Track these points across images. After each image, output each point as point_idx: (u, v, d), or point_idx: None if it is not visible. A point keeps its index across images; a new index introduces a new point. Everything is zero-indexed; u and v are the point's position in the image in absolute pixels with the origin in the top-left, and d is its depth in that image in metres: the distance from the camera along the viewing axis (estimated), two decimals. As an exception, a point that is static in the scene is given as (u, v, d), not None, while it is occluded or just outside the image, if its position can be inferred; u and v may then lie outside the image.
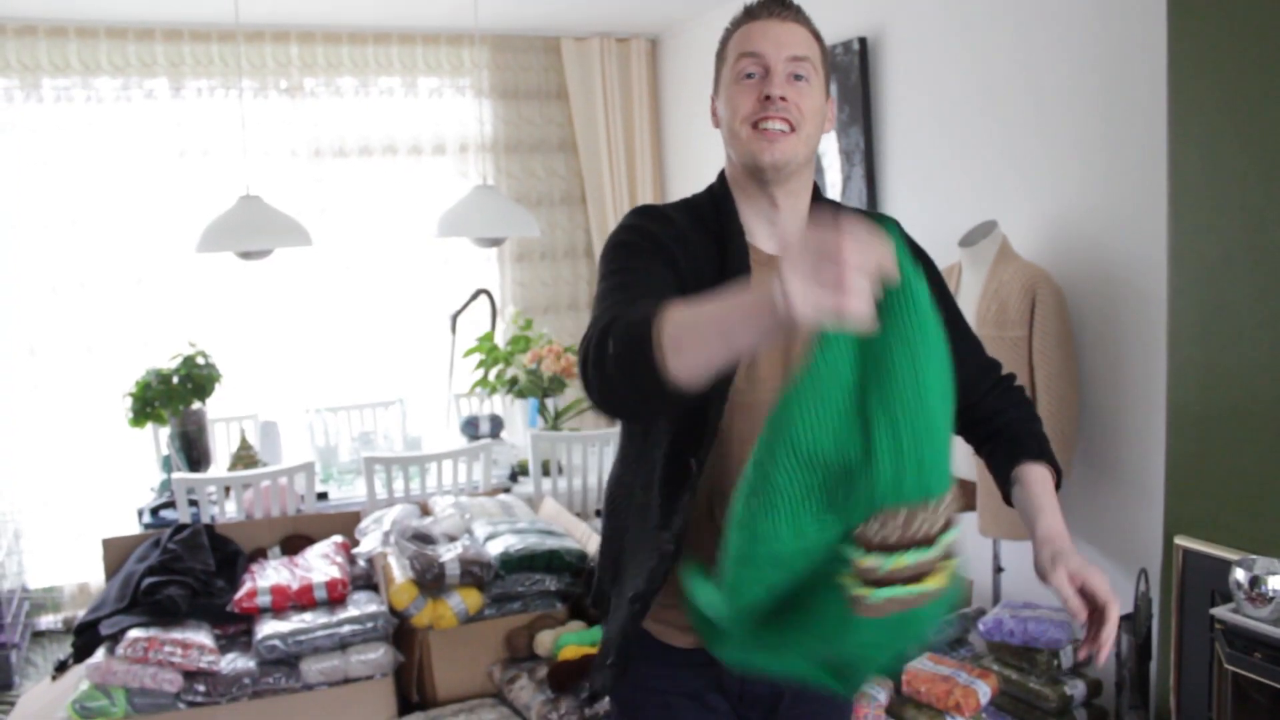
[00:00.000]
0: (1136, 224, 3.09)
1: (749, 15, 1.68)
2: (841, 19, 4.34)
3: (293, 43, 5.37)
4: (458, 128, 5.75)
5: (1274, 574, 2.23)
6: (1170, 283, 2.69)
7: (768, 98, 1.59)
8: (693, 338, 1.23)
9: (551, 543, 3.53)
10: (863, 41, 4.18)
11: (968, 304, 3.33)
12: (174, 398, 4.41)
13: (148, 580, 3.46)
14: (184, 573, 3.53)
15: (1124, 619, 2.85)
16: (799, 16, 1.68)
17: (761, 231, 1.68)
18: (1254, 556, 2.30)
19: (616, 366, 1.32)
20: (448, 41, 5.65)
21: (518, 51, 5.81)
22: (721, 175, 1.73)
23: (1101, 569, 1.51)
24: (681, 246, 1.62)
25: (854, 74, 4.22)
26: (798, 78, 1.62)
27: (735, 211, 1.68)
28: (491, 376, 4.93)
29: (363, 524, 3.94)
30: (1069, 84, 3.31)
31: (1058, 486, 1.65)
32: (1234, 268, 2.49)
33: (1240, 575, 2.27)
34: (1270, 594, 2.22)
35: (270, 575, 3.59)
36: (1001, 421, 1.71)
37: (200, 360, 4.51)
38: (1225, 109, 2.49)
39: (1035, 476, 1.62)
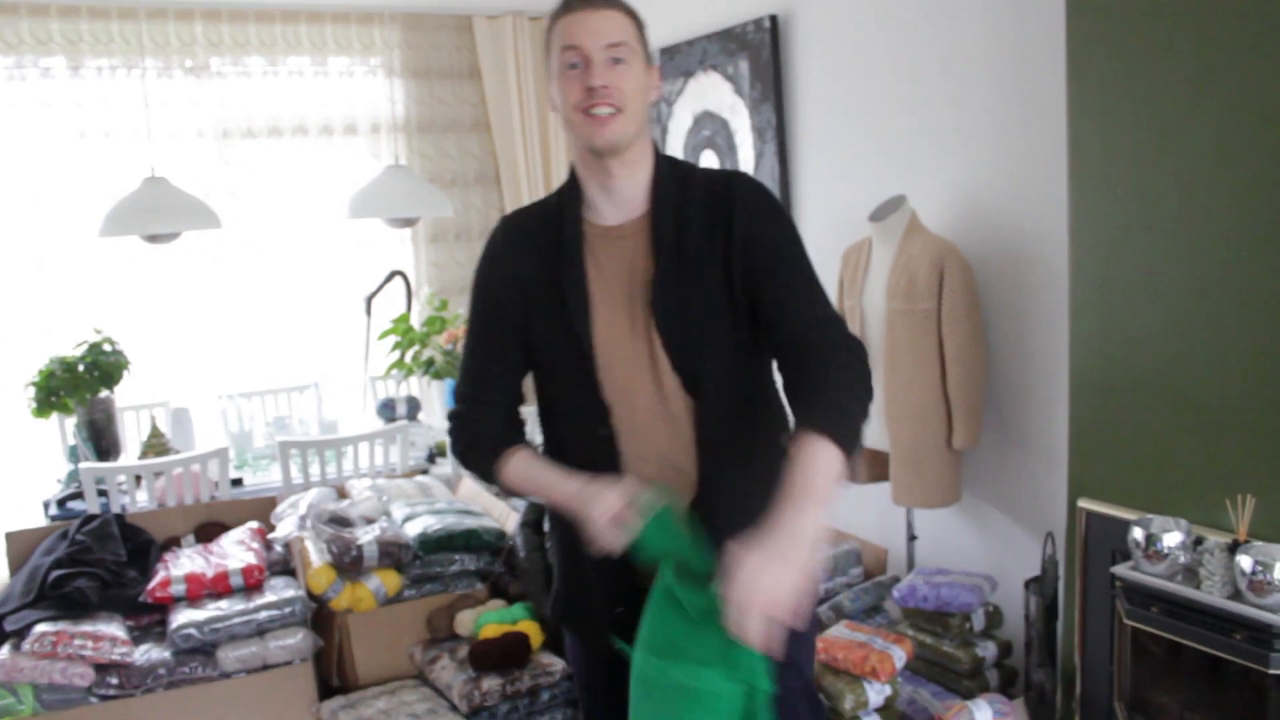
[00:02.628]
0: (1040, 198, 3.17)
1: (567, 7, 1.79)
2: (752, -3, 4.37)
3: (197, 21, 5.24)
4: (369, 108, 5.67)
5: (1169, 531, 2.31)
6: (1071, 255, 2.76)
7: (590, 88, 1.73)
8: (524, 488, 1.87)
9: (470, 522, 3.53)
10: (773, 19, 4.20)
11: (878, 277, 3.39)
12: (80, 386, 4.30)
13: (55, 573, 3.38)
14: (94, 564, 3.46)
15: (1032, 581, 2.93)
16: (611, 2, 1.79)
17: (603, 203, 1.85)
18: (1151, 516, 2.38)
19: (468, 466, 1.95)
20: (358, 20, 5.56)
21: (429, 30, 5.74)
22: (572, 164, 1.91)
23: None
24: (523, 257, 1.88)
25: (765, 51, 4.24)
26: (617, 61, 1.75)
27: (576, 199, 1.87)
28: (408, 358, 4.89)
29: (279, 509, 3.90)
30: (975, 61, 3.37)
31: (849, 455, 1.60)
32: (1130, 241, 2.57)
33: (1138, 534, 2.35)
34: (1165, 550, 2.30)
35: (184, 564, 3.54)
36: (811, 389, 1.70)
37: (107, 347, 4.40)
38: (1121, 87, 2.56)
39: (806, 452, 1.57)
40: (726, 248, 1.79)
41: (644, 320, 1.80)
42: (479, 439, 1.90)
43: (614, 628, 1.84)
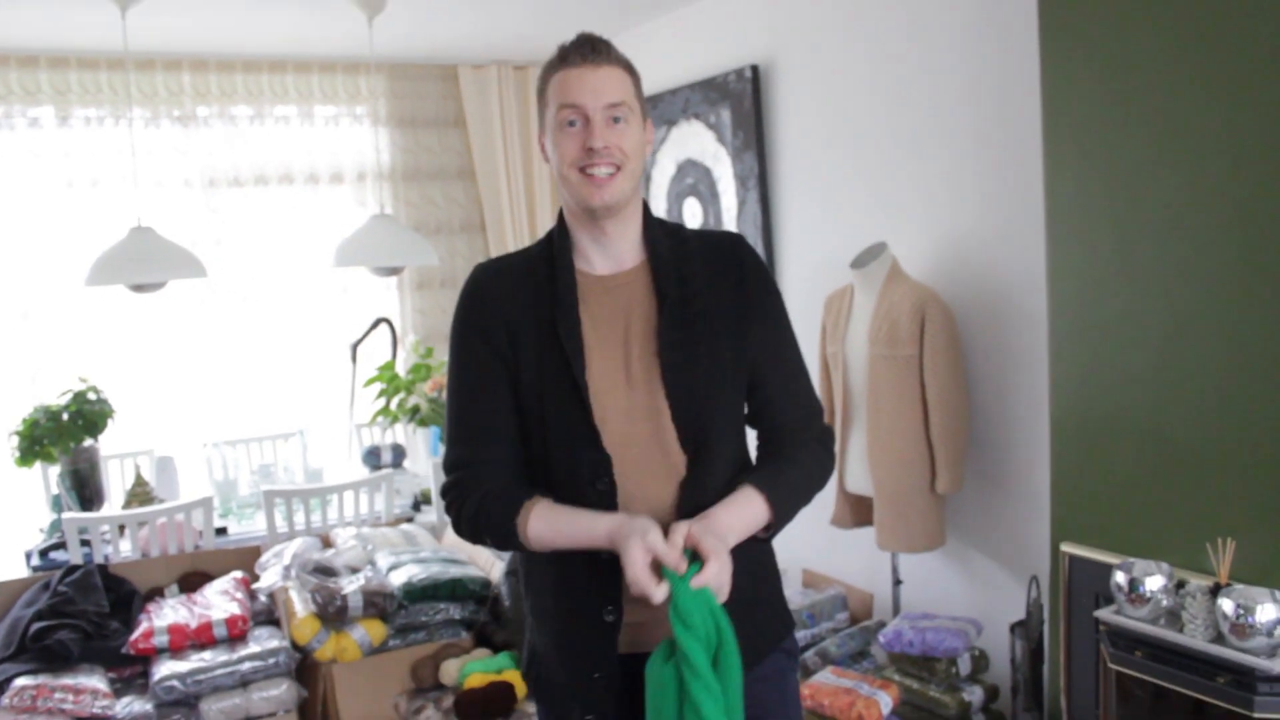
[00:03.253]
0: (1018, 245, 3.21)
1: (564, 61, 1.74)
2: (734, 47, 4.43)
3: (185, 71, 5.28)
4: (355, 156, 5.71)
5: (1151, 575, 2.33)
6: (1050, 301, 2.79)
7: (590, 148, 1.70)
8: (554, 541, 1.69)
9: (455, 571, 3.52)
10: (754, 69, 4.27)
11: (859, 324, 3.42)
12: (64, 435, 4.28)
13: (36, 625, 3.35)
14: (76, 615, 3.43)
15: (1017, 625, 2.94)
16: (611, 57, 1.75)
17: (594, 254, 1.81)
18: (1133, 560, 2.40)
19: (485, 535, 1.75)
20: (344, 69, 5.61)
21: (415, 79, 5.80)
22: (561, 211, 1.85)
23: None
24: (509, 303, 1.79)
25: (746, 100, 4.30)
26: (616, 120, 1.72)
27: (568, 246, 1.81)
28: (393, 405, 4.90)
29: (263, 558, 3.88)
30: (953, 111, 3.43)
31: (769, 530, 1.75)
32: (1107, 285, 2.61)
33: (1120, 578, 2.37)
34: (1148, 594, 2.32)
35: (168, 614, 3.51)
36: (775, 459, 1.82)
37: (91, 396, 4.38)
38: (1095, 135, 2.61)
39: (742, 494, 1.71)
40: (741, 308, 1.79)
41: (643, 371, 1.75)
42: (489, 501, 1.72)
43: (582, 698, 1.77)
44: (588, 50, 1.73)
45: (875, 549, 3.46)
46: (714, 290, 1.79)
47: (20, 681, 3.12)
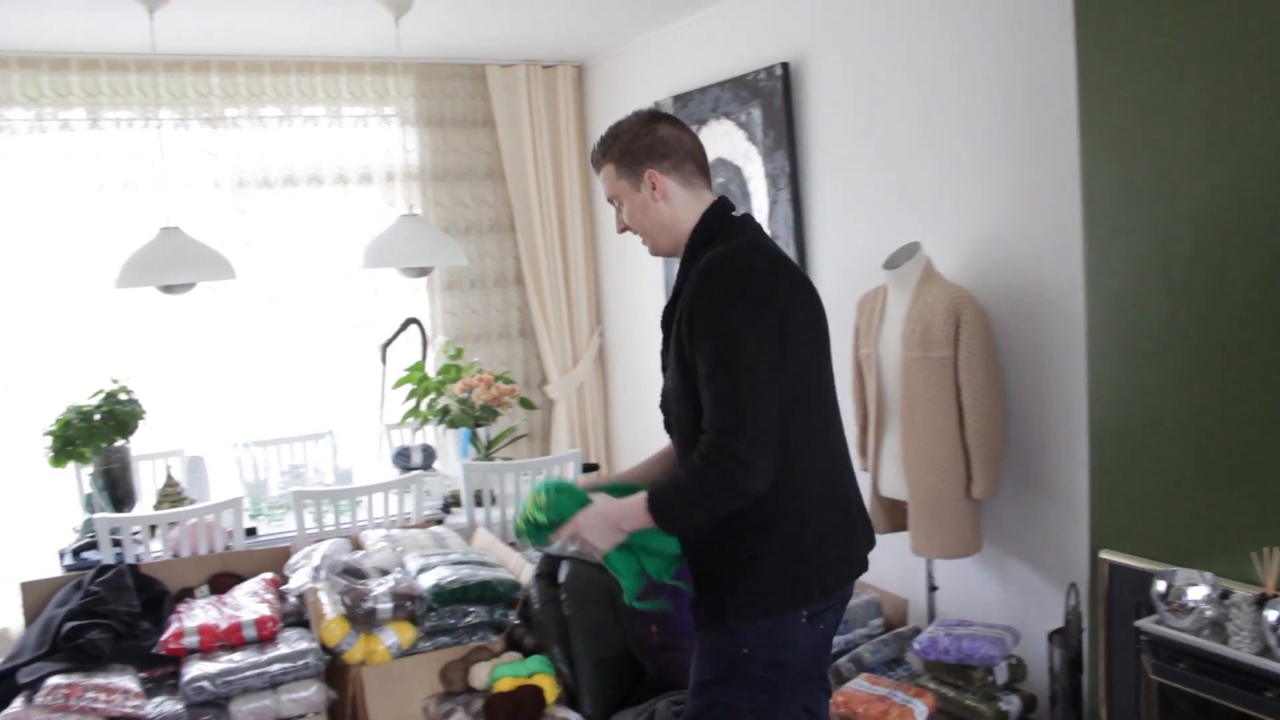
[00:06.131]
0: (1055, 244, 3.16)
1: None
2: (764, 45, 4.40)
3: (213, 72, 5.29)
4: (384, 156, 5.71)
5: (1194, 585, 2.28)
6: (1087, 302, 2.74)
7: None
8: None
9: (485, 574, 3.50)
10: (785, 66, 4.23)
11: (893, 326, 3.38)
12: (96, 435, 4.30)
13: (69, 625, 3.36)
14: (107, 615, 3.43)
15: (1055, 633, 2.89)
16: (600, 160, 2.23)
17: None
18: (1174, 568, 2.35)
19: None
20: (372, 70, 5.61)
21: (443, 79, 5.79)
22: None
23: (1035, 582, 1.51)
24: None
25: (777, 99, 4.26)
26: (619, 207, 2.23)
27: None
28: (423, 407, 4.88)
29: (293, 560, 3.87)
30: (988, 109, 3.38)
31: (660, 521, 2.05)
32: (1147, 287, 2.56)
33: (1161, 587, 2.32)
34: (1190, 604, 2.27)
35: (198, 615, 3.51)
36: (677, 468, 2.13)
37: (123, 396, 4.40)
38: (1134, 133, 2.56)
39: (640, 495, 2.07)
40: (687, 324, 2.05)
41: None
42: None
43: None
44: (592, 160, 2.27)
45: (910, 554, 3.42)
46: (686, 306, 2.06)
47: (53, 680, 3.12)
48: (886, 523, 3.55)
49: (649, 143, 2.17)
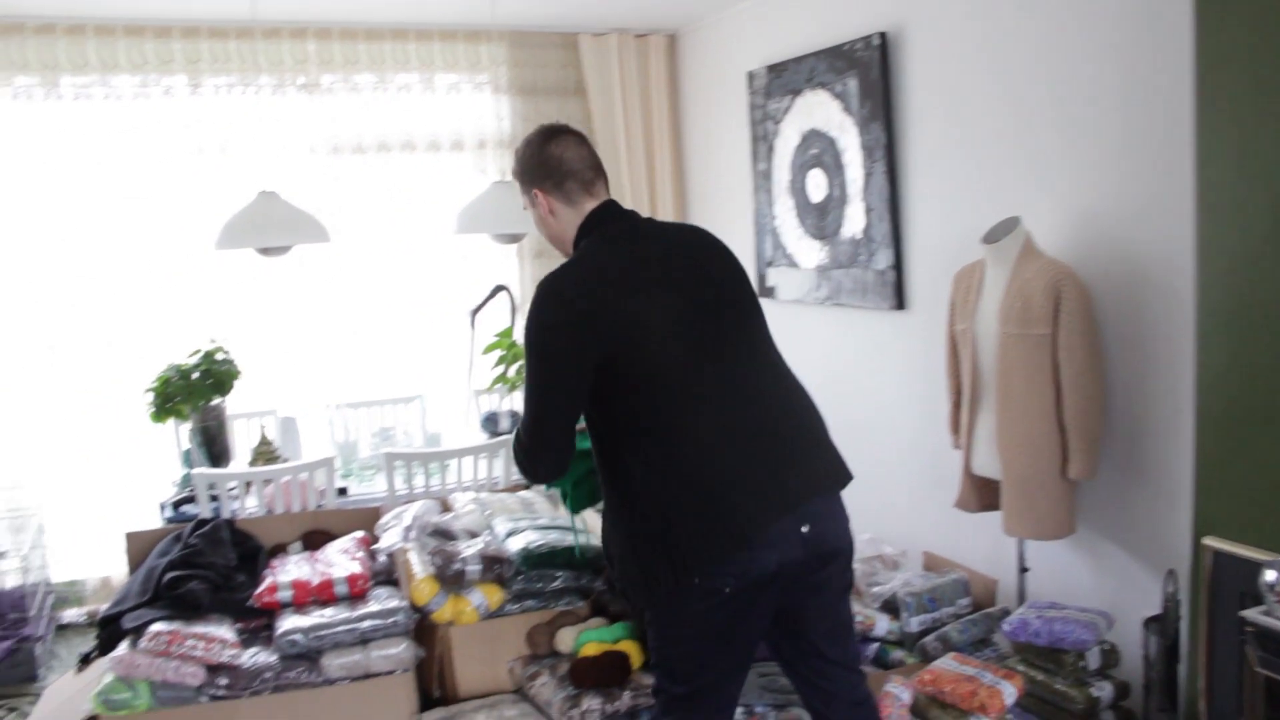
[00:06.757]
0: (1163, 219, 3.07)
1: None
2: (861, 14, 4.32)
3: (310, 39, 5.36)
4: (475, 124, 5.74)
5: (1306, 575, 2.21)
6: (1198, 279, 2.66)
7: None
8: None
9: (572, 540, 3.52)
10: (883, 36, 4.15)
11: (990, 302, 3.31)
12: (194, 393, 4.42)
13: (170, 574, 3.46)
14: (205, 567, 3.54)
15: (1151, 620, 2.83)
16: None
17: None
18: (1285, 557, 2.28)
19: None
20: (465, 38, 5.64)
21: (535, 48, 5.80)
22: None
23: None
24: None
25: (874, 69, 4.19)
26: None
27: None
28: (511, 372, 4.92)
29: (383, 520, 3.94)
30: (1093, 77, 3.28)
31: None
32: (1261, 266, 2.47)
33: (1271, 577, 2.25)
34: (1303, 595, 2.20)
35: (291, 570, 3.60)
36: None
37: (220, 356, 4.51)
38: (1255, 99, 2.46)
39: None
40: None
41: None
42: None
43: None
44: None
45: (1000, 534, 3.36)
46: None
47: (157, 626, 3.23)
48: (977, 502, 3.49)
49: (535, 164, 2.46)
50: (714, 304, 2.37)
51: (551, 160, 2.45)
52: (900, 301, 4.21)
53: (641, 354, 2.28)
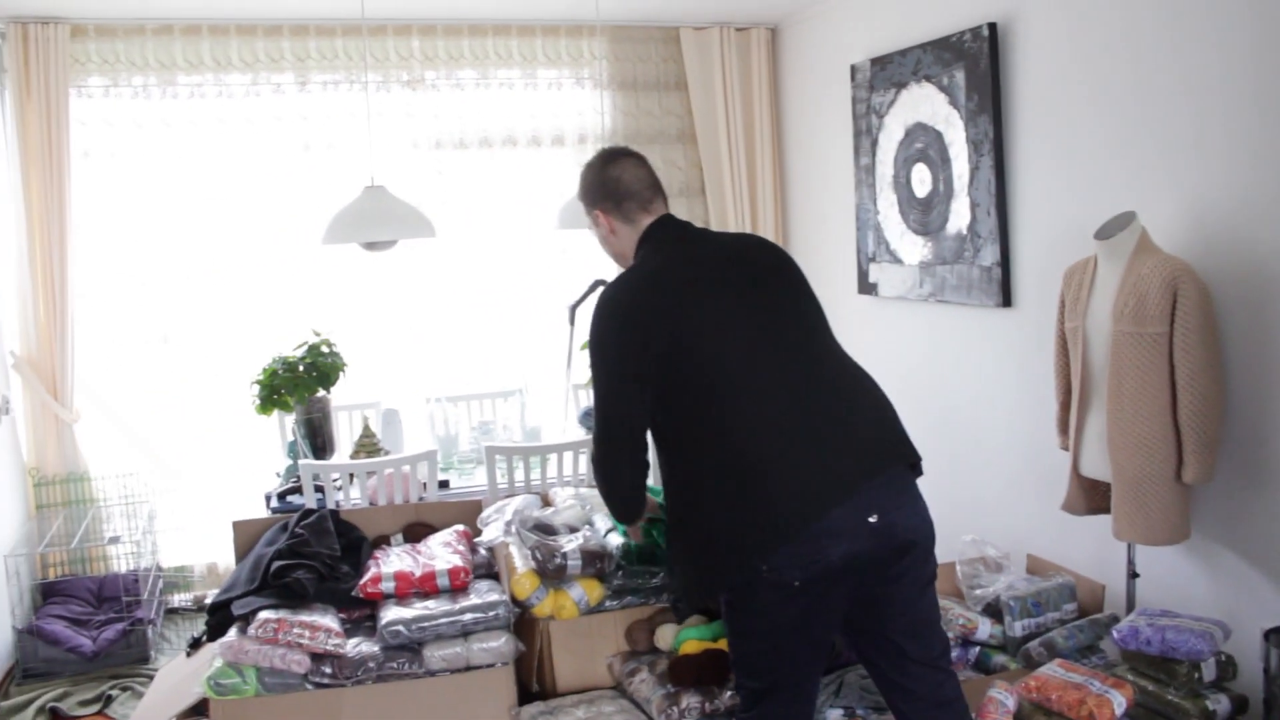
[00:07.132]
0: (1289, 216, 2.94)
1: None
2: (970, 4, 4.22)
3: (414, 36, 5.44)
4: (576, 119, 5.77)
5: None
6: (1329, 279, 2.54)
7: None
8: None
9: (671, 536, 3.52)
10: (993, 27, 4.06)
11: (1102, 299, 3.22)
12: (299, 386, 4.51)
13: (277, 563, 3.55)
14: (311, 557, 3.61)
15: (1272, 632, 2.72)
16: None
17: None
18: None
19: None
20: (566, 33, 5.66)
21: (636, 42, 5.80)
22: None
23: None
24: None
25: (983, 61, 4.10)
26: None
27: None
28: (609, 368, 4.93)
29: (485, 513, 3.98)
30: (1211, 68, 3.16)
31: None
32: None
33: (1407, 590, 2.14)
34: None
35: (394, 562, 3.66)
36: None
37: (325, 349, 4.60)
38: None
39: None
40: None
41: None
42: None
43: None
44: None
45: (1109, 538, 3.26)
46: None
47: (264, 614, 3.31)
48: (1085, 504, 3.40)
49: (596, 186, 2.65)
50: (766, 300, 2.42)
51: (610, 182, 2.63)
52: (1006, 299, 4.11)
53: (694, 352, 2.34)
